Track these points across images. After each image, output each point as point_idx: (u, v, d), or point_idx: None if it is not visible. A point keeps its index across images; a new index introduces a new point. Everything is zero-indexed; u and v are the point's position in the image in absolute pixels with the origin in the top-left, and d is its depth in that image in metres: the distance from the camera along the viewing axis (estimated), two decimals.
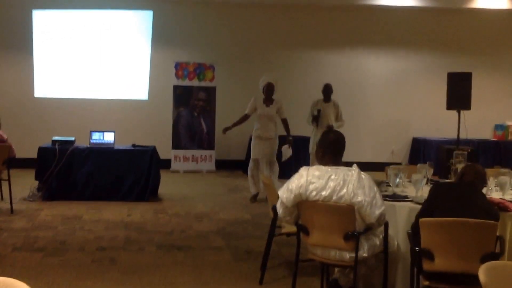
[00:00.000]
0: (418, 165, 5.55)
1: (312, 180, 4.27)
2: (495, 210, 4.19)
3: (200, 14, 12.73)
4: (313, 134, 10.07)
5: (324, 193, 4.22)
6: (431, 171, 5.48)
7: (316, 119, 9.89)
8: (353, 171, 4.23)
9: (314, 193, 4.24)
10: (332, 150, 4.42)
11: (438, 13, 13.16)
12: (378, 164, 10.69)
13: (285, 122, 9.29)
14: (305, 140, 10.53)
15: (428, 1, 12.65)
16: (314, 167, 4.39)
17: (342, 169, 4.28)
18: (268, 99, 9.14)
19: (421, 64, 13.40)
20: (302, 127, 10.78)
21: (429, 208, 4.10)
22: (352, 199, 4.13)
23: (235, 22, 12.87)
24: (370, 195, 4.16)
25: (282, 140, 9.39)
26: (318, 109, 9.89)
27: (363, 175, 4.24)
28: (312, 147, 10.02)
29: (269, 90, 9.10)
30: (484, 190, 4.98)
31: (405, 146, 13.42)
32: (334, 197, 4.18)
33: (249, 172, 9.38)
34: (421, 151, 12.83)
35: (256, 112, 9.25)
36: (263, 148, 9.17)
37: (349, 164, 4.35)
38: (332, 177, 4.24)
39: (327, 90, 10.04)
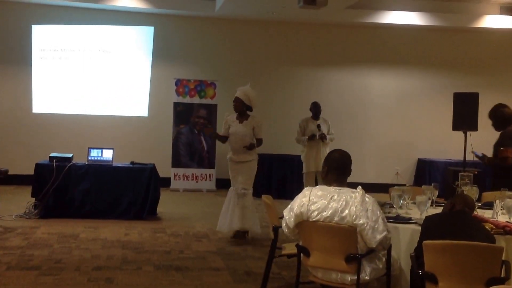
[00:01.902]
0: (423, 186, 5.56)
1: (314, 199, 4.29)
2: (491, 234, 4.22)
3: (202, 31, 12.83)
4: (303, 154, 10.12)
5: (325, 213, 4.23)
6: (436, 193, 5.49)
7: (313, 136, 9.97)
8: (357, 193, 4.23)
9: (315, 213, 4.25)
10: (335, 169, 4.44)
11: (444, 32, 13.25)
12: (382, 185, 10.72)
13: (258, 142, 7.96)
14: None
15: (434, 20, 12.72)
16: (318, 187, 4.40)
17: (345, 190, 4.29)
18: (241, 115, 7.94)
19: (426, 83, 13.46)
20: (302, 147, 10.75)
21: (424, 239, 4.12)
22: (354, 221, 4.13)
23: (237, 39, 12.97)
24: (373, 219, 4.16)
25: (269, 160, 9.23)
26: (318, 124, 10.02)
27: (367, 197, 4.25)
28: (311, 166, 10.05)
29: (236, 105, 7.95)
30: (490, 214, 5.01)
31: (410, 167, 13.44)
32: (336, 218, 4.19)
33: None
34: (426, 172, 12.84)
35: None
36: (235, 175, 7.94)
37: (352, 185, 4.37)
38: (335, 197, 4.25)
39: (318, 108, 10.22)
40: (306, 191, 4.39)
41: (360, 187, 4.29)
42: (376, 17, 12.65)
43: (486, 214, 4.99)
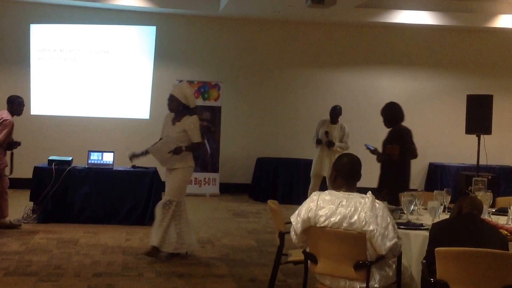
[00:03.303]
0: (435, 191, 5.55)
1: (322, 204, 4.28)
2: (503, 235, 4.22)
3: (205, 31, 12.86)
4: (316, 156, 10.15)
5: (333, 219, 4.22)
6: (449, 198, 5.48)
7: (320, 141, 10.01)
8: (366, 199, 4.23)
9: (323, 218, 4.25)
10: (345, 174, 4.43)
11: (457, 32, 13.24)
12: None
13: (191, 147, 7.16)
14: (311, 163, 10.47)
15: (446, 19, 12.70)
16: (326, 191, 4.40)
17: (354, 196, 4.29)
18: (178, 115, 7.17)
19: (439, 85, 13.46)
20: (309, 150, 10.77)
21: (433, 250, 4.11)
22: (364, 228, 4.13)
23: (242, 39, 12.99)
24: (383, 225, 4.15)
25: (275, 165, 9.00)
26: (325, 130, 10.03)
27: (377, 203, 4.24)
28: (314, 169, 10.09)
29: (170, 104, 7.18)
30: (504, 220, 5.00)
31: (422, 172, 13.41)
32: (345, 224, 4.19)
33: None
34: (438, 177, 12.83)
35: None
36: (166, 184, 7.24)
37: (362, 190, 4.37)
38: (344, 203, 4.25)
39: (336, 112, 10.25)
40: (314, 195, 4.39)
41: (370, 192, 4.28)
42: (387, 16, 12.65)
43: (500, 220, 4.98)
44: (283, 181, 11.97)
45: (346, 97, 13.12)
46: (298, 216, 4.34)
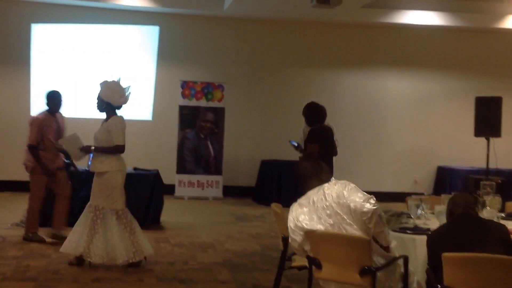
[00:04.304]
0: (442, 195, 5.51)
1: (299, 210, 4.37)
2: (499, 224, 4.24)
3: (209, 31, 12.84)
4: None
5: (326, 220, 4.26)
6: None
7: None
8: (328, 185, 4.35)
9: (314, 221, 4.29)
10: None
11: (465, 33, 13.19)
12: (399, 194, 10.63)
13: (112, 149, 6.78)
14: None
15: (454, 20, 12.66)
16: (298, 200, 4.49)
17: (316, 189, 4.38)
18: (106, 116, 6.96)
19: (447, 87, 13.40)
20: None
21: (434, 261, 4.07)
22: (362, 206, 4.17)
23: (246, 39, 12.96)
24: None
25: (278, 167, 9.11)
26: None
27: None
28: None
29: (96, 103, 6.97)
30: None
31: (429, 176, 13.36)
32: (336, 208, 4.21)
33: None
34: (446, 181, 12.76)
35: None
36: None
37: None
38: (315, 198, 4.32)
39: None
40: (291, 207, 4.47)
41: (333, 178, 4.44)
42: (393, 16, 12.61)
43: (510, 224, 4.93)
44: (288, 184, 11.92)
45: (352, 98, 13.11)
46: (292, 234, 4.39)
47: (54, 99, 7.96)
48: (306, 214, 4.31)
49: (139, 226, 6.91)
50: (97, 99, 6.90)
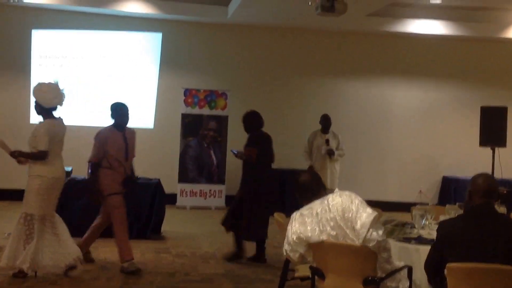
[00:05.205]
0: (447, 206, 5.51)
1: (301, 221, 4.33)
2: None
3: (213, 38, 12.86)
4: (317, 169, 10.25)
5: (327, 229, 4.23)
6: (461, 212, 5.42)
7: (333, 152, 10.17)
8: (334, 195, 4.33)
9: (315, 231, 4.26)
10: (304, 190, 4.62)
11: (471, 42, 13.20)
12: (404, 204, 10.56)
13: (34, 155, 6.64)
14: None
15: (460, 29, 12.68)
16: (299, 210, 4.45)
17: (321, 200, 4.37)
18: (43, 119, 6.94)
19: (452, 96, 13.41)
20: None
21: (437, 252, 4.02)
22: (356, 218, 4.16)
23: (250, 47, 12.99)
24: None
25: (282, 176, 9.17)
26: (327, 139, 10.22)
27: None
28: None
29: (34, 106, 6.95)
30: None
31: (435, 185, 13.34)
32: (340, 222, 4.18)
33: None
34: (452, 191, 12.75)
35: None
36: None
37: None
38: (318, 209, 4.31)
39: (326, 121, 10.53)
40: (292, 217, 4.48)
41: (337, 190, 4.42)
42: (398, 25, 12.63)
43: None
44: (291, 193, 11.85)
45: (357, 107, 13.11)
46: (289, 245, 4.37)
47: (114, 110, 7.34)
48: (308, 225, 4.30)
49: (66, 229, 6.76)
50: (35, 103, 6.81)
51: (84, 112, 12.36)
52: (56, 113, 6.91)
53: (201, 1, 12.06)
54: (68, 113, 12.11)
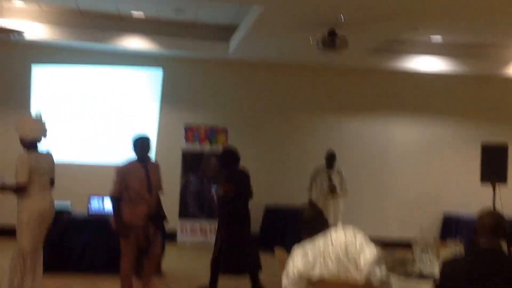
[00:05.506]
0: (448, 240, 5.50)
1: (303, 255, 4.32)
2: None
3: (214, 74, 12.95)
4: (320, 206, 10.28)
5: (329, 264, 4.21)
6: (463, 248, 5.42)
7: (335, 188, 10.18)
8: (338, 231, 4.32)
9: (317, 267, 4.24)
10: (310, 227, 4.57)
11: (471, 79, 13.28)
12: (405, 240, 10.54)
13: (15, 187, 6.79)
14: None
15: (461, 66, 12.74)
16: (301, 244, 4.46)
17: (324, 235, 4.36)
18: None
19: (452, 133, 13.45)
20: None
21: None
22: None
23: (251, 83, 13.07)
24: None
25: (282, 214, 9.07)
26: (329, 176, 10.28)
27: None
28: None
29: None
30: None
31: (436, 222, 13.29)
32: (342, 258, 4.17)
33: None
34: (453, 228, 12.70)
35: None
36: None
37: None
38: (320, 243, 4.31)
39: (331, 158, 10.60)
40: (293, 252, 4.49)
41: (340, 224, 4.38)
42: (399, 62, 12.70)
43: None
44: (292, 230, 11.85)
45: (358, 143, 13.15)
46: (289, 280, 4.36)
47: (140, 144, 7.08)
48: (310, 260, 4.28)
49: (40, 271, 6.70)
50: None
51: (84, 148, 12.39)
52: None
53: (202, 37, 12.15)
54: (68, 149, 12.29)
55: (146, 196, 6.88)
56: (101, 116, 12.48)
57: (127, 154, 7.16)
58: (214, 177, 12.07)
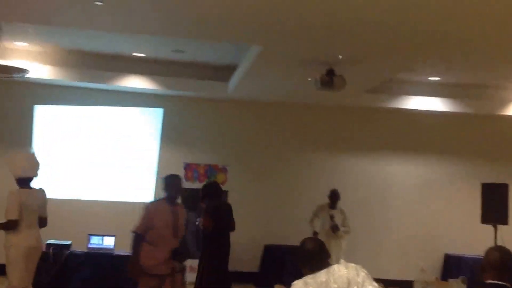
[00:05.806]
0: (449, 280, 5.51)
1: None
2: None
3: (213, 113, 13.01)
4: None
5: None
6: (464, 287, 5.42)
7: (337, 228, 10.17)
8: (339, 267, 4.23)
9: None
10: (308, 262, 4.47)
11: (470, 118, 13.34)
12: (405, 282, 10.53)
13: (5, 224, 6.87)
14: None
15: (458, 106, 12.84)
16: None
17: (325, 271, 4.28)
18: None
19: (451, 172, 13.46)
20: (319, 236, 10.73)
21: None
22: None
23: (250, 122, 13.13)
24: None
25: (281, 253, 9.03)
26: (331, 214, 10.25)
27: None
28: None
29: None
30: None
31: (437, 263, 13.21)
32: None
33: None
34: (454, 268, 12.60)
35: None
36: None
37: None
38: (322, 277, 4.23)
39: (335, 197, 10.62)
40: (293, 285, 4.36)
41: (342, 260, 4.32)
42: (397, 102, 12.80)
43: None
44: (292, 270, 11.78)
45: (355, 182, 13.14)
46: None
47: (172, 183, 7.07)
48: None
49: None
50: None
51: (84, 186, 12.40)
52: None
53: (202, 77, 12.25)
54: (67, 187, 12.30)
55: (170, 240, 6.74)
56: (102, 154, 12.50)
57: (132, 192, 7.24)
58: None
